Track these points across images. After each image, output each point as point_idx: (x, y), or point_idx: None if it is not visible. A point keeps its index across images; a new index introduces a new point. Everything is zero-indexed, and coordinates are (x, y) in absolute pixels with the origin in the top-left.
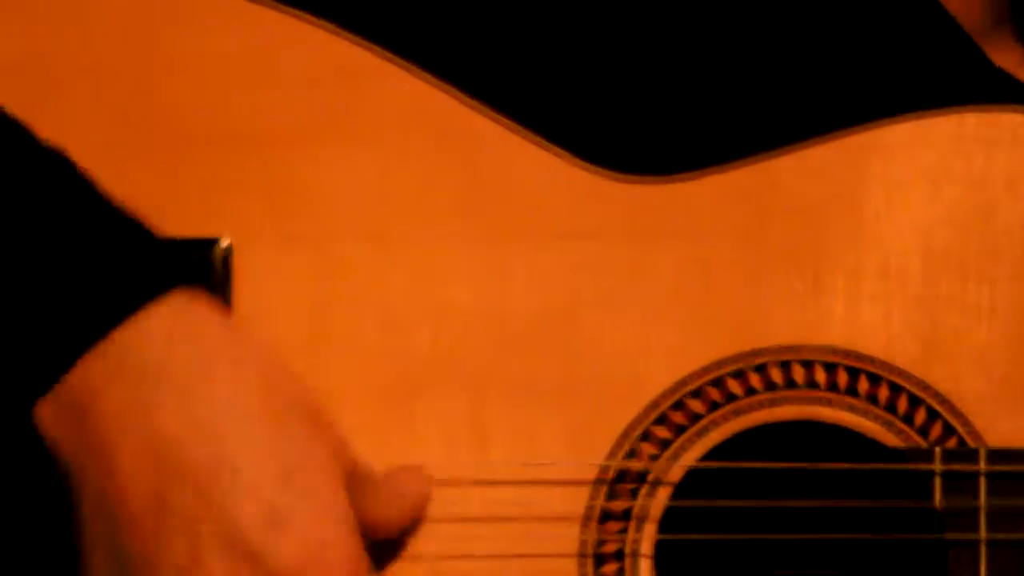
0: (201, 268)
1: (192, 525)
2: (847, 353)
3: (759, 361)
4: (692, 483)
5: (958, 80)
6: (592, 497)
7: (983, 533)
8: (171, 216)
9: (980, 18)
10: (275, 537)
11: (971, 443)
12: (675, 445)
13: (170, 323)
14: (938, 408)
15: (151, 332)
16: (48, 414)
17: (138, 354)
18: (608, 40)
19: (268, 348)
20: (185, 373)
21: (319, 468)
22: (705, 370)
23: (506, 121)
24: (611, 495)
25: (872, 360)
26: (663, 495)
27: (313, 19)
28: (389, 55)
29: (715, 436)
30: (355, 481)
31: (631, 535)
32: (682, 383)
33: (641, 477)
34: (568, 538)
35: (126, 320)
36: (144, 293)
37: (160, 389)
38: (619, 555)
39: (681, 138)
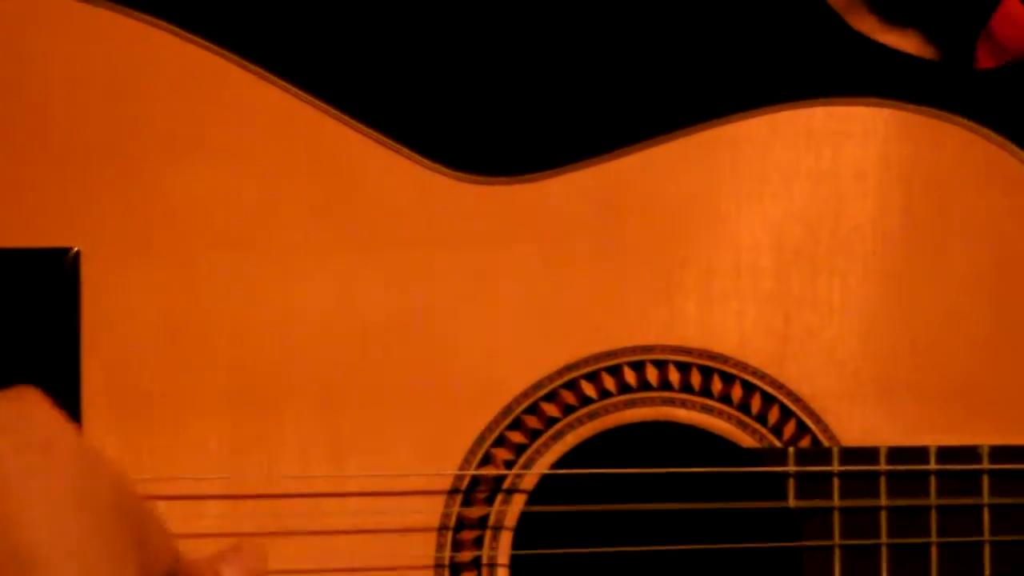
0: (42, 281)
1: None
2: (700, 352)
3: (612, 363)
4: (548, 488)
5: (808, 71)
6: (447, 505)
7: (836, 534)
8: (25, 227)
9: None
10: None
11: (825, 441)
12: (530, 450)
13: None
14: (792, 406)
15: None
16: None
17: None
18: (456, 41)
19: (90, 447)
20: (2, 470)
21: (121, 570)
22: (559, 373)
23: (358, 125)
24: (466, 503)
25: (725, 359)
26: (518, 502)
27: (168, 26)
28: (242, 61)
29: (570, 440)
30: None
31: (487, 543)
32: (536, 387)
33: (496, 484)
34: (424, 548)
35: None
36: None
37: None
38: (476, 563)
39: (531, 138)
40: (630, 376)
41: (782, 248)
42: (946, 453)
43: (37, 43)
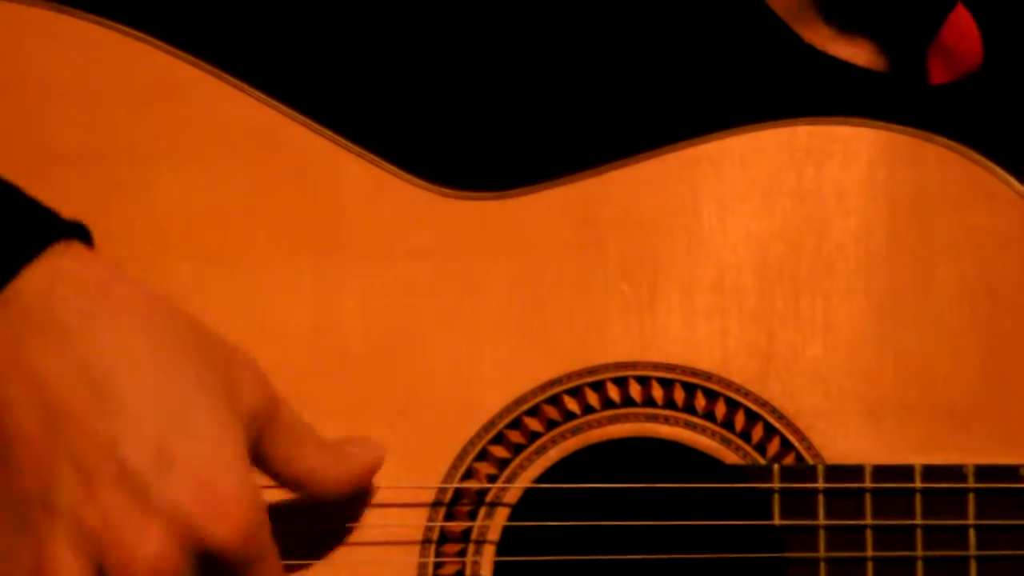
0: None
1: (81, 462)
2: (684, 369)
3: (596, 378)
4: (531, 503)
5: (790, 90)
6: (430, 519)
7: (822, 550)
8: None
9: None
10: (162, 476)
11: (809, 459)
12: (513, 465)
13: (50, 276)
14: (775, 424)
15: (31, 287)
16: None
17: (18, 307)
18: (440, 57)
19: (157, 292)
20: (66, 319)
21: (208, 408)
22: (542, 388)
23: (339, 138)
24: (449, 516)
25: (709, 376)
26: (501, 516)
27: (139, 34)
28: (217, 71)
29: (553, 455)
30: (278, 425)
31: (470, 557)
32: (519, 402)
33: (479, 498)
34: (407, 562)
35: (4, 285)
36: (21, 253)
37: (42, 335)
38: None
39: (513, 154)
40: (613, 392)
41: (765, 266)
42: (931, 472)
43: (13, 54)
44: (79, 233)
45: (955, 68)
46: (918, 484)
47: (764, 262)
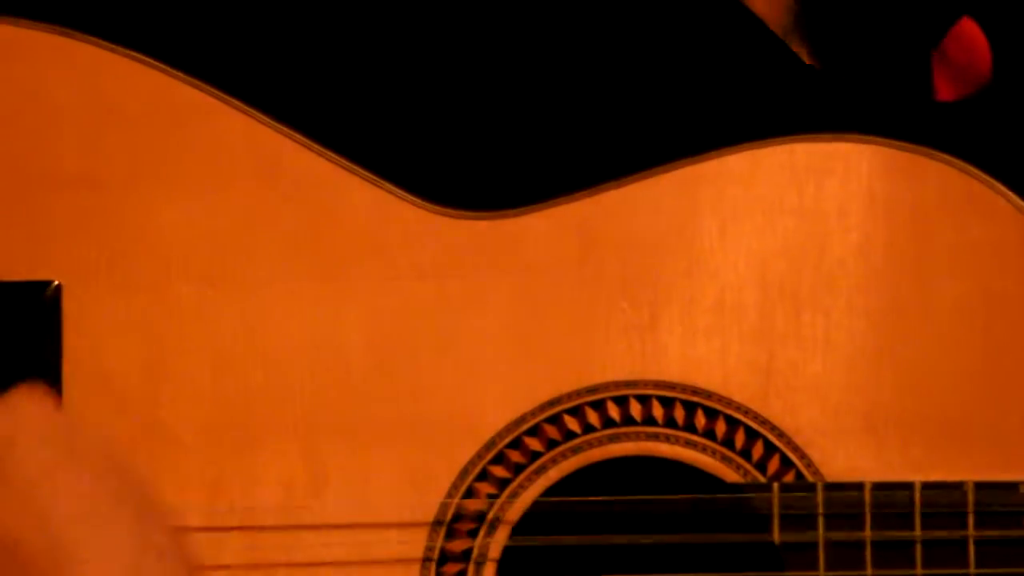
0: (24, 314)
1: None
2: (684, 388)
3: (596, 397)
4: (532, 522)
5: (790, 110)
6: (431, 539)
7: (822, 567)
8: (6, 260)
9: (782, 18)
10: None
11: (809, 476)
12: (514, 484)
13: (11, 427)
14: (776, 442)
15: None
16: None
17: None
18: (438, 76)
19: (100, 436)
20: (26, 475)
21: (157, 565)
22: (541, 407)
23: (339, 159)
24: (450, 535)
25: (709, 394)
26: (502, 535)
27: (140, 57)
28: (219, 93)
29: (554, 474)
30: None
31: (471, 575)
32: (519, 421)
33: (480, 517)
34: None
35: None
36: None
37: (5, 487)
38: None
39: (512, 173)
40: (613, 411)
41: (765, 284)
42: (931, 488)
43: (15, 77)
44: (41, 372)
45: (964, 84)
46: (918, 501)
47: (764, 280)
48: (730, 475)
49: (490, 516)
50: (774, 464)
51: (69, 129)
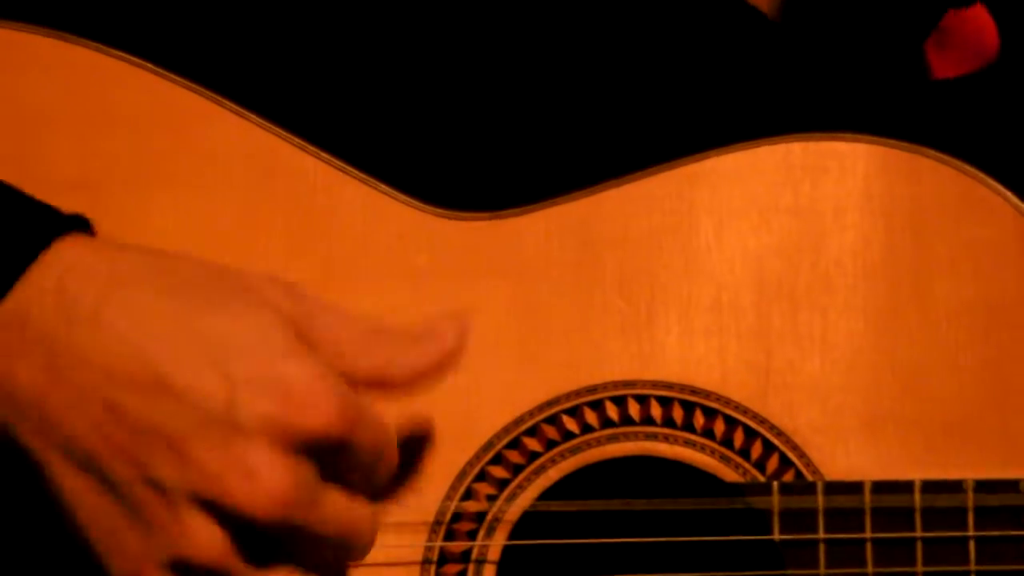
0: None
1: (160, 434)
2: (682, 387)
3: (594, 397)
4: (531, 522)
5: (785, 105)
6: (430, 540)
7: (822, 566)
8: None
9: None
10: (236, 404)
11: (808, 475)
12: (512, 485)
13: (56, 274)
14: (775, 441)
15: (41, 291)
16: None
17: (37, 318)
18: (434, 76)
19: (158, 250)
20: (86, 310)
21: (243, 326)
22: (540, 408)
23: (332, 159)
24: (449, 537)
25: (707, 394)
26: (501, 535)
27: (135, 60)
28: (213, 95)
29: (553, 474)
30: (319, 320)
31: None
32: (517, 422)
33: (479, 518)
34: None
35: (11, 291)
36: (20, 259)
37: (70, 333)
38: None
39: (509, 174)
40: (612, 411)
41: (762, 283)
42: (931, 487)
43: (10, 80)
44: (78, 224)
45: (967, 62)
46: (918, 499)
47: (761, 279)
48: (729, 474)
49: (489, 517)
50: (773, 463)
51: (66, 133)
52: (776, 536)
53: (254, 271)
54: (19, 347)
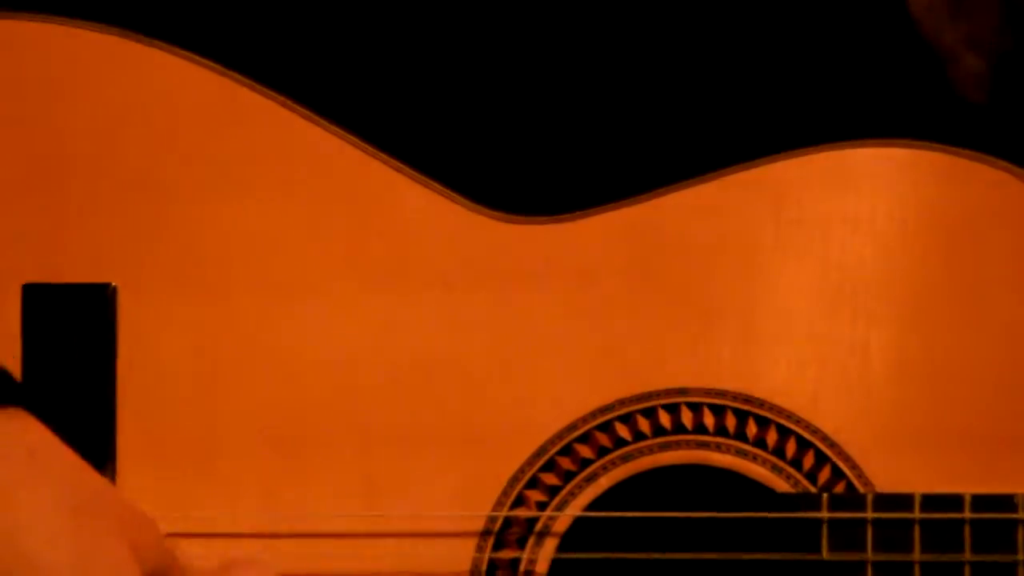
0: (79, 317)
1: None
2: (736, 396)
3: (647, 405)
4: (581, 530)
5: (848, 114)
6: (479, 548)
7: None
8: (60, 263)
9: None
10: None
11: (860, 487)
12: (563, 492)
13: None
14: (827, 452)
15: None
16: None
17: None
18: (496, 80)
19: (75, 460)
20: None
21: (114, 566)
22: (592, 415)
23: (394, 162)
24: (498, 545)
25: (761, 403)
26: (551, 545)
27: (203, 60)
28: (285, 100)
29: (604, 482)
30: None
31: None
32: (570, 428)
33: (528, 526)
34: None
35: None
36: None
37: None
38: None
39: (569, 178)
40: (664, 418)
41: (820, 293)
42: (981, 501)
43: (78, 81)
44: (14, 396)
45: None
46: (968, 514)
47: (820, 289)
48: (780, 485)
49: (539, 526)
50: (825, 474)
51: (131, 132)
52: (824, 550)
53: (142, 515)
54: None
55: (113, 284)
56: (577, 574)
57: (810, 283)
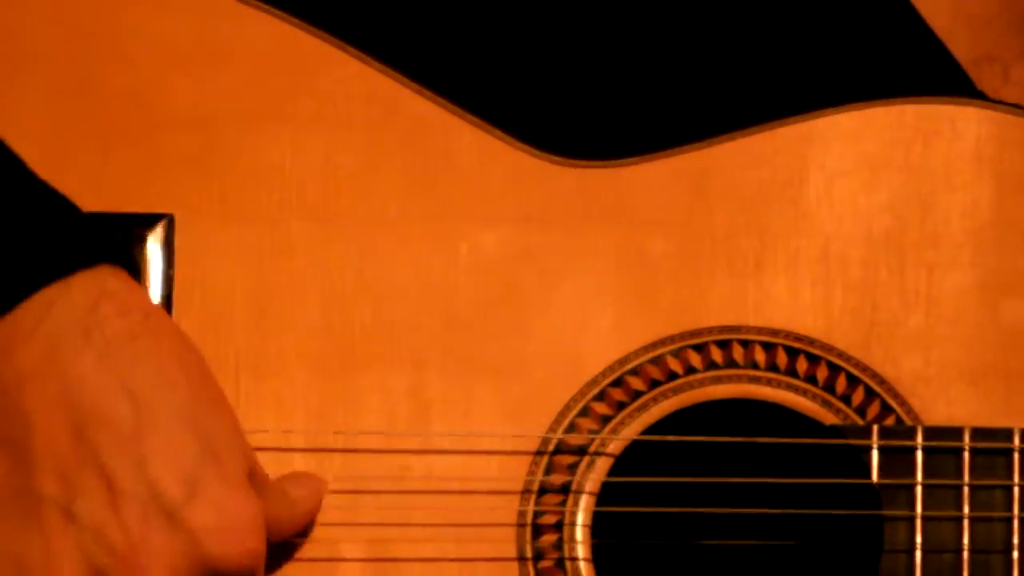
0: (138, 245)
1: (111, 477)
2: (787, 334)
3: (698, 341)
4: (631, 458)
5: (898, 71)
6: (531, 470)
7: (919, 508)
8: (116, 193)
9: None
10: (189, 502)
11: (909, 423)
12: (614, 421)
13: (97, 290)
14: (876, 388)
15: (77, 295)
16: None
17: (63, 312)
18: (555, 25)
19: (180, 331)
20: (109, 335)
21: (230, 441)
22: (645, 349)
23: (450, 104)
24: (550, 469)
25: (812, 341)
26: (602, 468)
27: (256, 2)
28: (334, 39)
29: (654, 413)
30: (254, 477)
31: (569, 507)
32: (622, 361)
33: (581, 451)
34: (507, 509)
35: (53, 282)
36: (72, 262)
37: (84, 345)
38: (558, 526)
39: (624, 123)
40: (716, 354)
41: (871, 238)
42: None
43: (133, 20)
44: (128, 261)
45: None
46: (1017, 445)
47: (870, 234)
48: (830, 419)
49: (591, 450)
50: (874, 410)
51: (186, 69)
52: (874, 478)
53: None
54: (27, 332)
55: (171, 213)
56: (626, 497)
57: (862, 228)
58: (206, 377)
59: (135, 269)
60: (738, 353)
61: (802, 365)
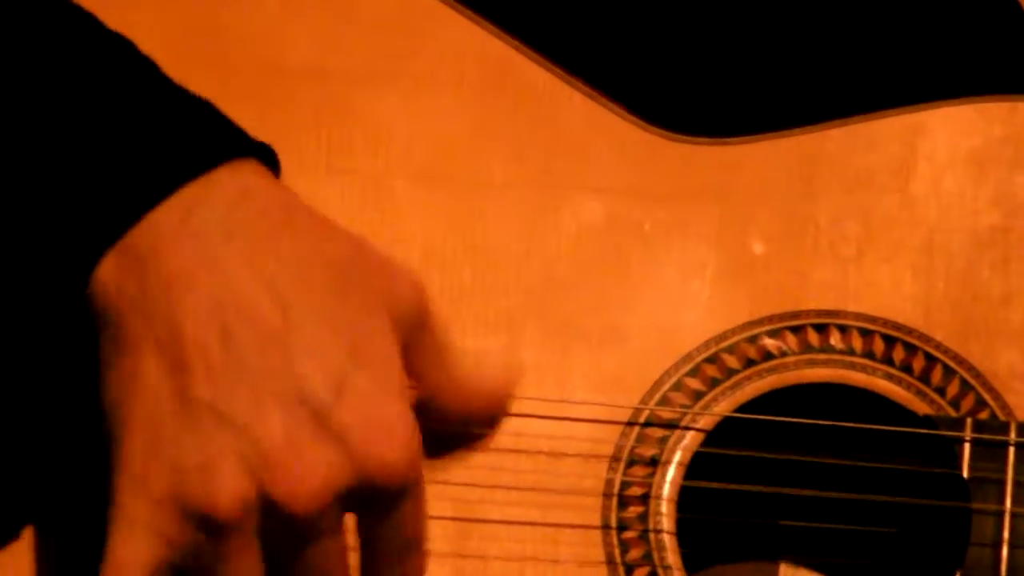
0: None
1: (258, 379)
2: (885, 322)
3: (796, 323)
4: (721, 436)
5: (1013, 68)
6: (621, 440)
7: (1008, 503)
8: None
9: None
10: (339, 403)
11: (1003, 417)
12: (707, 398)
13: (238, 187)
14: (972, 381)
15: (218, 193)
16: (110, 267)
17: (206, 211)
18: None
19: (326, 225)
20: (253, 235)
21: (380, 342)
22: (742, 327)
23: (561, 72)
24: (640, 440)
25: (910, 331)
26: (692, 442)
27: None
28: (451, 2)
29: (748, 391)
30: (426, 335)
31: (657, 480)
32: (718, 338)
33: (671, 425)
34: (595, 478)
35: (194, 179)
36: (213, 157)
37: (228, 245)
38: (644, 498)
39: (736, 102)
40: (813, 337)
41: (976, 232)
42: None
43: None
44: (271, 159)
45: None
46: None
47: (975, 227)
48: (923, 409)
49: (682, 423)
50: (968, 402)
51: (301, 25)
52: (965, 471)
53: (399, 265)
54: (174, 232)
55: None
56: (714, 473)
57: (967, 222)
58: (349, 263)
59: (275, 163)
60: (835, 338)
61: (899, 354)
